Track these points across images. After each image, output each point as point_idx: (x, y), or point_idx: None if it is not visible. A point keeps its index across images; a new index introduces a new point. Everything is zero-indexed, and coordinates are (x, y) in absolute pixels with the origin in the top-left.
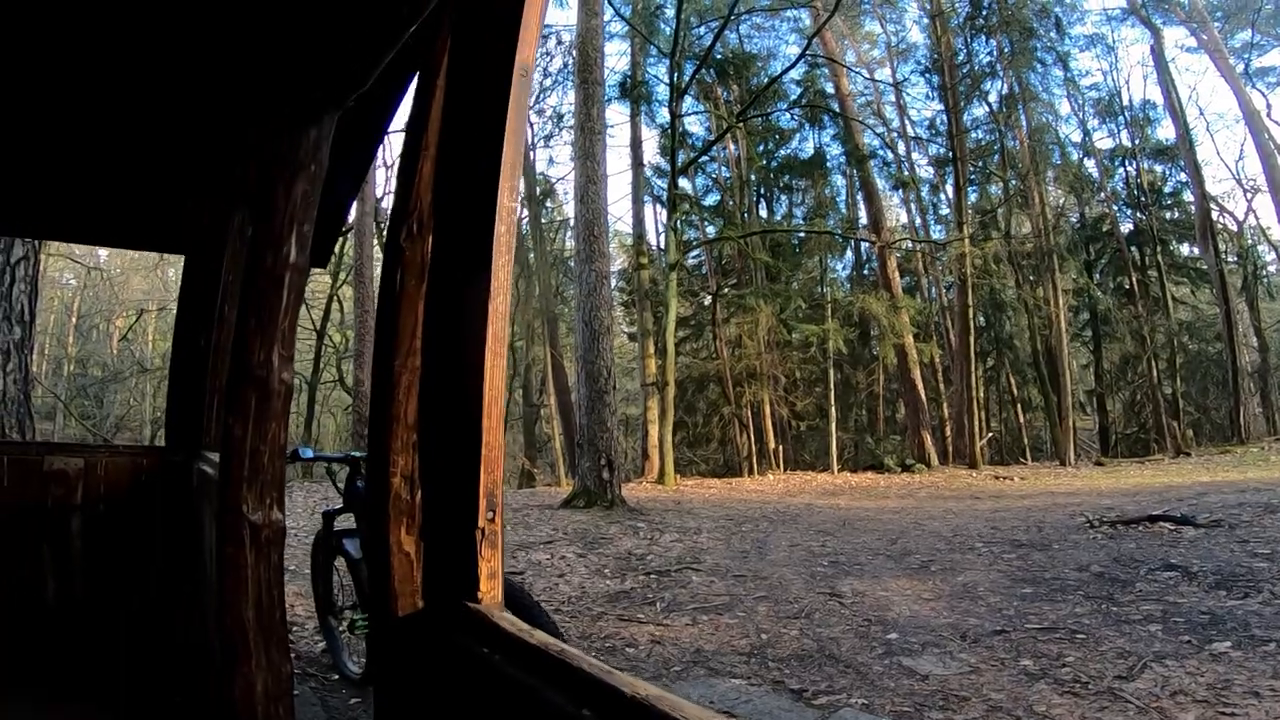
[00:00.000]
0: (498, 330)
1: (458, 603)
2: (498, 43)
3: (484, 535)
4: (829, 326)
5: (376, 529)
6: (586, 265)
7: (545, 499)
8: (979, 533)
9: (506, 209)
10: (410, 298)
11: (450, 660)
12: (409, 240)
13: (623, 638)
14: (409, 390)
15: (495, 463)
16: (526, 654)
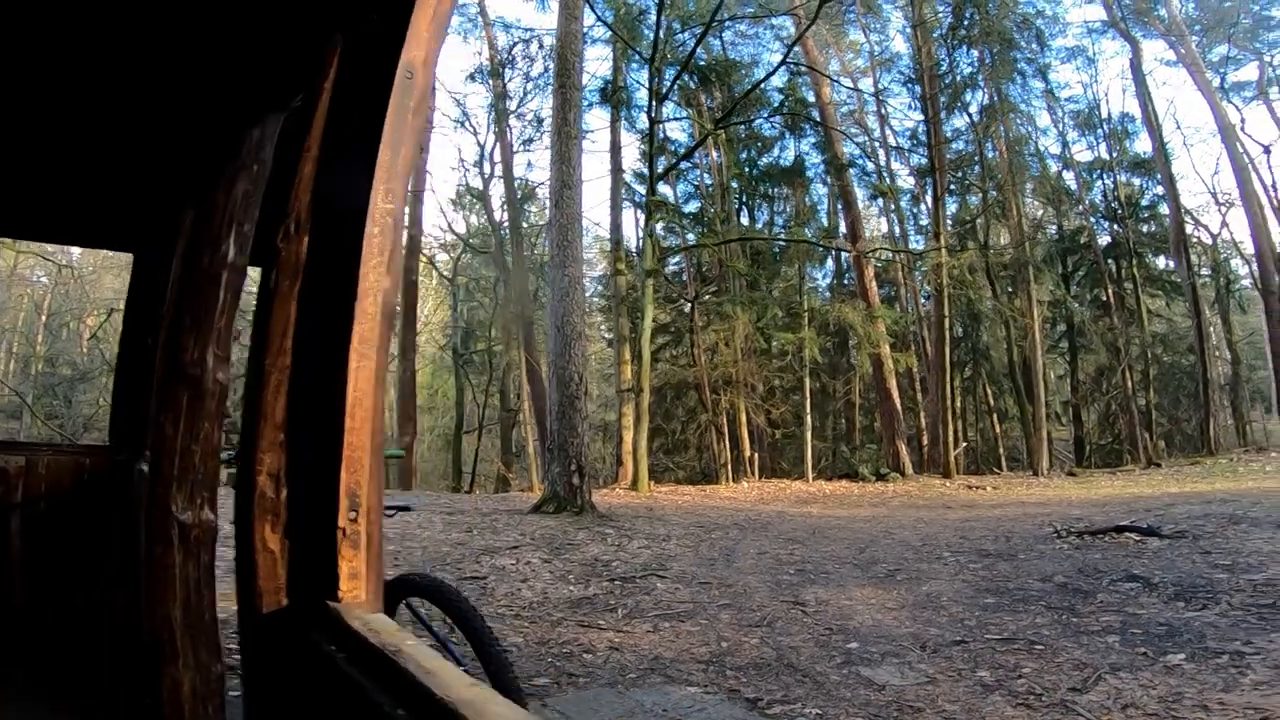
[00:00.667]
0: (364, 331)
1: (319, 601)
2: (382, 45)
3: (345, 535)
4: (805, 335)
5: (242, 526)
6: (560, 270)
7: (516, 504)
8: (947, 542)
9: (380, 211)
10: (283, 297)
11: (305, 658)
12: (285, 241)
13: (581, 644)
14: (278, 389)
15: (359, 463)
16: (366, 654)
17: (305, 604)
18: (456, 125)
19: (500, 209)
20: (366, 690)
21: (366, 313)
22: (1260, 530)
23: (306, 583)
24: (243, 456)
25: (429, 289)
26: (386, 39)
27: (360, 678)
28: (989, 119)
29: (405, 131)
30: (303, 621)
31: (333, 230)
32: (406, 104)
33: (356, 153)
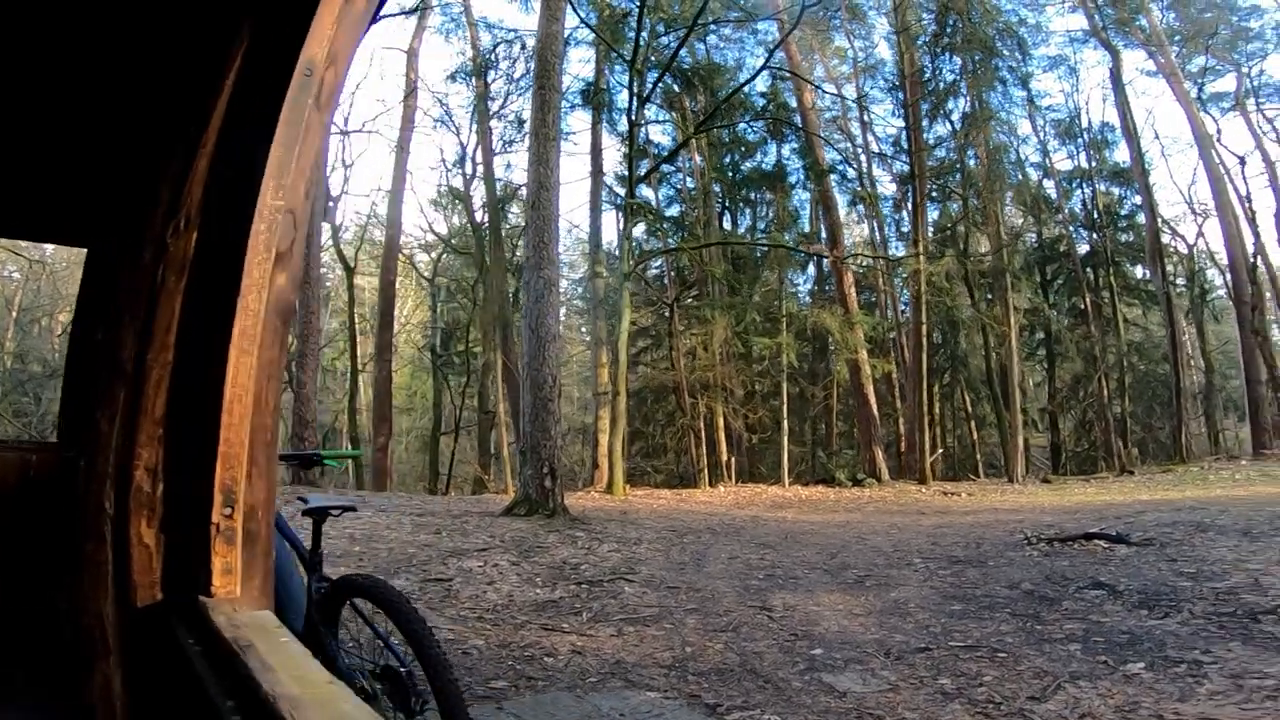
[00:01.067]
0: (246, 327)
1: (190, 598)
2: (281, 41)
3: (219, 530)
4: (783, 340)
5: (118, 520)
6: (535, 272)
7: (489, 506)
8: (919, 548)
9: (269, 208)
10: (169, 293)
11: (169, 653)
12: (174, 236)
13: (543, 647)
14: (159, 384)
15: (236, 459)
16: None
17: (178, 599)
18: (437, 124)
19: (481, 210)
20: (205, 684)
21: (249, 308)
22: (1226, 538)
23: (180, 578)
24: (120, 451)
25: (408, 289)
26: (286, 35)
27: (205, 672)
28: (970, 127)
29: (302, 127)
30: (175, 616)
31: (222, 226)
32: (304, 100)
33: (249, 149)
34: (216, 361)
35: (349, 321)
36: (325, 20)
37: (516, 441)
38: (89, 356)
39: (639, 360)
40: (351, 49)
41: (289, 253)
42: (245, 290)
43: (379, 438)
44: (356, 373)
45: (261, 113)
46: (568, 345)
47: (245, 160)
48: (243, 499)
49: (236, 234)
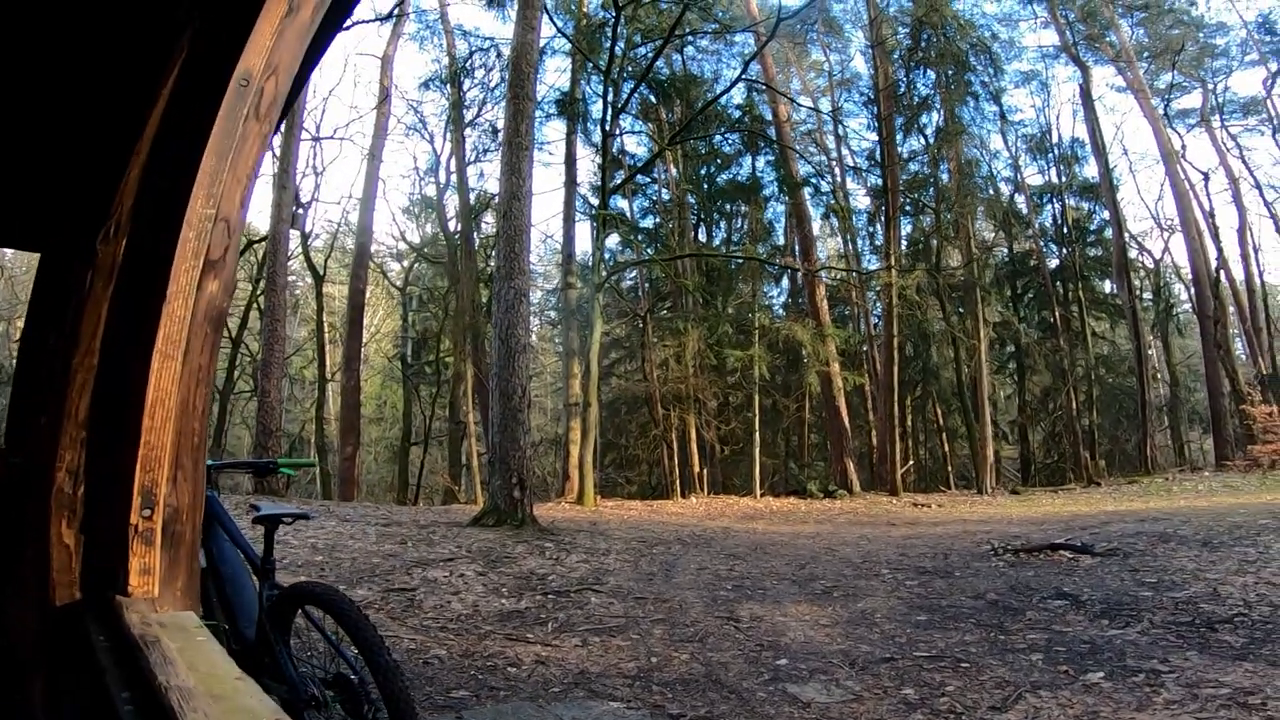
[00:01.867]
0: (170, 333)
1: (106, 597)
2: (219, 52)
3: (137, 532)
4: (755, 352)
5: (38, 520)
6: (506, 282)
7: (457, 516)
8: (887, 559)
9: (199, 216)
10: (96, 299)
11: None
12: (104, 242)
13: (506, 657)
14: (83, 388)
15: (157, 462)
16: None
17: (94, 598)
18: (410, 132)
19: (454, 219)
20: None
21: (175, 315)
22: (1187, 549)
23: (98, 579)
24: (42, 451)
25: (379, 298)
26: (223, 45)
27: (108, 665)
28: (943, 141)
29: (240, 140)
30: (91, 614)
31: (152, 233)
32: (240, 111)
33: (182, 158)
34: (139, 366)
35: (317, 330)
36: (264, 31)
37: (486, 452)
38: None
39: (612, 371)
40: (295, 60)
41: (221, 260)
42: (171, 296)
43: (346, 447)
44: (325, 381)
45: (196, 122)
46: (540, 356)
47: (177, 168)
48: (163, 501)
49: (165, 241)
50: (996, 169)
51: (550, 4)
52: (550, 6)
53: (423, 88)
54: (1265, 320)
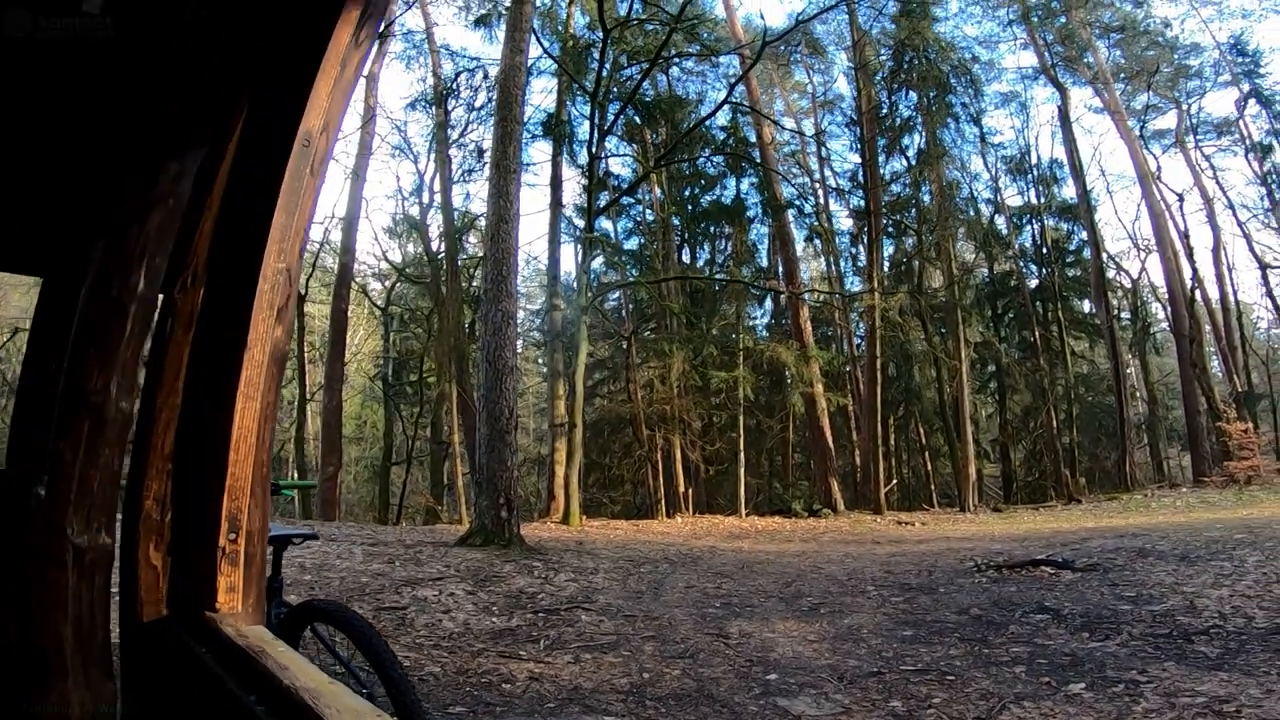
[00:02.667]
0: (251, 376)
1: (197, 612)
2: (283, 113)
3: (225, 553)
4: (739, 373)
5: (128, 545)
6: (493, 305)
7: (443, 536)
8: (872, 576)
9: (273, 269)
10: (177, 344)
11: (178, 660)
12: (182, 292)
13: (500, 674)
14: (168, 424)
15: (241, 491)
16: (231, 653)
17: (184, 614)
18: (395, 152)
19: (438, 239)
20: (225, 682)
21: (254, 360)
22: (1165, 563)
23: (186, 596)
24: (131, 482)
25: (360, 318)
26: (287, 106)
27: (222, 673)
28: (924, 163)
29: (301, 195)
30: (179, 628)
31: (227, 284)
32: (303, 170)
33: (253, 214)
34: (224, 406)
35: (298, 350)
36: (321, 93)
37: (471, 472)
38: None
39: (596, 392)
40: (341, 116)
41: (285, 307)
42: (251, 343)
43: (328, 467)
44: (305, 401)
45: (264, 180)
46: (524, 377)
47: (250, 225)
48: (245, 526)
49: (242, 292)
50: (977, 190)
51: (537, 25)
52: (537, 27)
53: (409, 108)
54: (1240, 339)
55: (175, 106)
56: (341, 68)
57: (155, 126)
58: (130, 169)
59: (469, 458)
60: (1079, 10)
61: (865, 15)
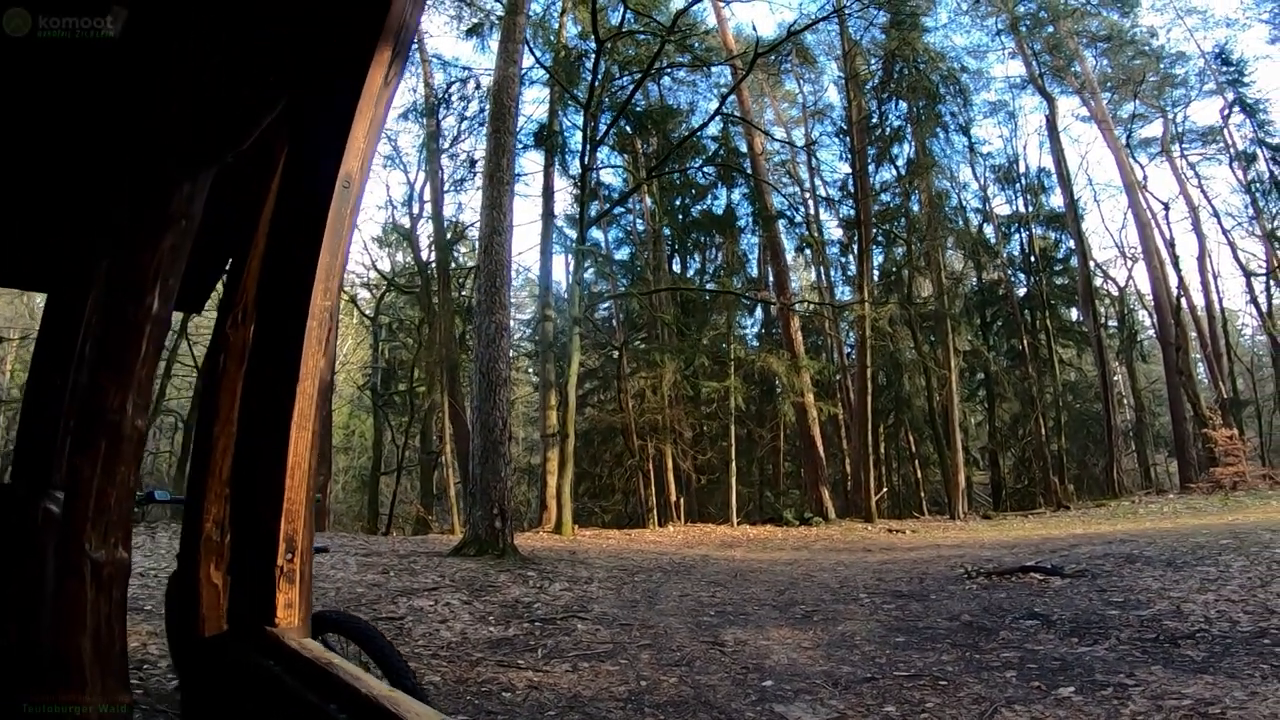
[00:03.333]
0: (303, 408)
1: (258, 627)
2: (324, 155)
3: (283, 572)
4: (730, 383)
5: (188, 564)
6: (487, 316)
7: (435, 547)
8: (864, 584)
9: (320, 308)
10: (230, 378)
11: (244, 672)
12: (233, 328)
13: (500, 683)
14: (225, 452)
15: (296, 514)
16: (303, 666)
17: (244, 629)
18: (387, 162)
19: (428, 249)
20: (304, 694)
21: (305, 392)
22: (1152, 569)
23: (245, 611)
24: (190, 507)
25: (349, 327)
26: (327, 148)
27: (298, 685)
28: (914, 173)
29: (343, 234)
30: (242, 643)
31: (277, 321)
32: (344, 211)
33: (299, 254)
34: (280, 436)
35: None
36: (359, 134)
37: (464, 483)
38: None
39: (587, 402)
40: (373, 153)
41: (329, 341)
42: (302, 378)
43: (317, 477)
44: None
45: (308, 220)
46: (515, 387)
47: (296, 263)
48: (299, 546)
49: (292, 329)
50: (966, 199)
51: (529, 35)
52: (530, 38)
53: (400, 119)
54: (1225, 346)
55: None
56: (375, 107)
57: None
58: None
59: (460, 468)
60: (1066, 20)
61: (856, 26)
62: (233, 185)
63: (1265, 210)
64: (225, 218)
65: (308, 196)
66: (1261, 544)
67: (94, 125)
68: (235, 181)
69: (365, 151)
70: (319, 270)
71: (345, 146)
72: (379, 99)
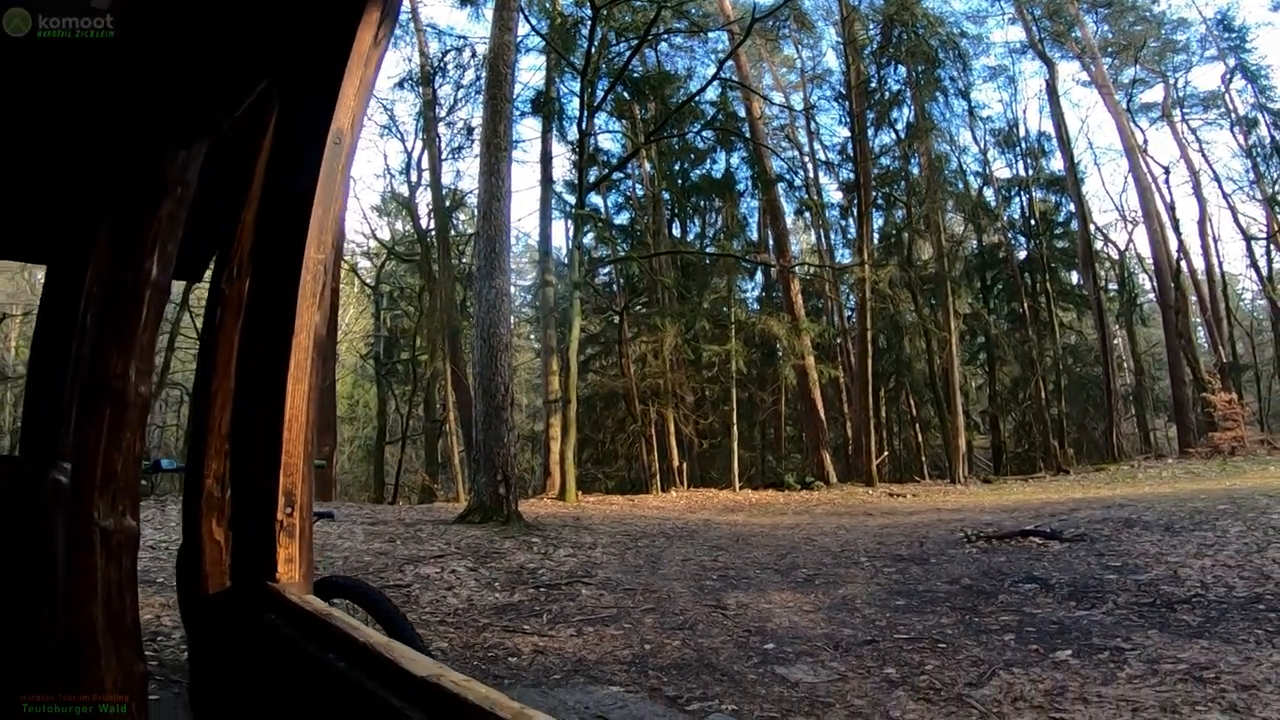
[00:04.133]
0: (299, 360)
1: (259, 583)
2: (315, 111)
3: (282, 526)
4: (731, 347)
5: (191, 521)
6: (487, 282)
7: (441, 515)
8: (865, 548)
9: (313, 260)
10: (227, 331)
11: (248, 627)
12: (228, 283)
13: (506, 648)
14: (223, 407)
15: (294, 468)
16: (303, 619)
17: (247, 584)
18: (383, 131)
19: (427, 217)
20: (304, 645)
21: (301, 345)
22: (1149, 533)
23: (247, 567)
24: (191, 463)
25: (350, 296)
26: (318, 106)
27: (298, 636)
28: (913, 136)
29: (335, 190)
30: (245, 598)
31: (271, 275)
32: (336, 166)
33: (292, 209)
34: (277, 389)
35: None
36: (348, 92)
37: (468, 450)
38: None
39: (588, 367)
40: (364, 111)
41: (324, 295)
42: (298, 330)
43: (323, 447)
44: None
45: (301, 177)
46: (517, 353)
47: (290, 218)
48: (299, 501)
49: (286, 282)
50: (966, 163)
51: (524, 2)
52: (525, 5)
53: (396, 88)
54: (1225, 310)
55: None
56: (364, 67)
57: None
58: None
59: (464, 435)
60: None
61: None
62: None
63: (1266, 175)
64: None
65: (299, 153)
66: (1258, 509)
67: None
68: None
69: (355, 110)
70: (311, 224)
71: (336, 104)
72: (368, 59)
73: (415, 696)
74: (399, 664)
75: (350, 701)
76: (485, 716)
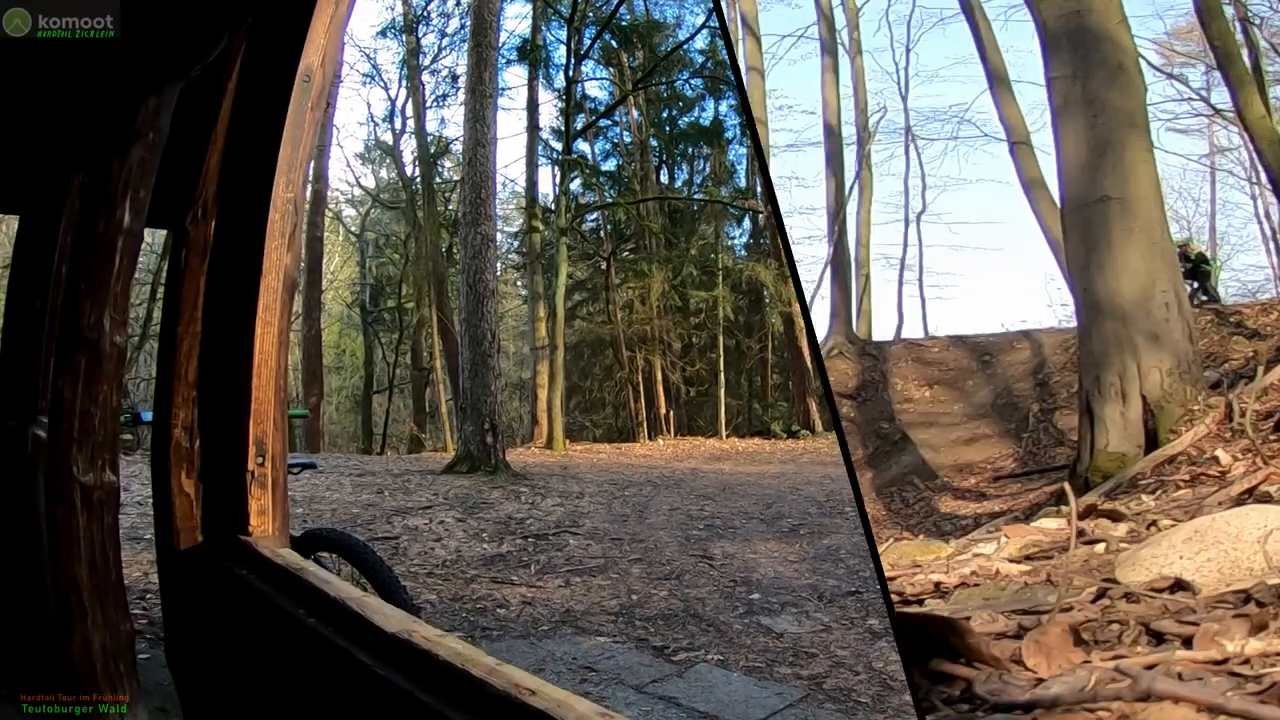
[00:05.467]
0: (268, 303)
1: (231, 536)
2: (283, 49)
3: (254, 477)
4: (719, 293)
5: (159, 474)
6: (472, 228)
7: (429, 465)
8: (850, 498)
9: (281, 199)
10: (193, 273)
11: (220, 583)
12: (194, 224)
13: (495, 599)
14: (190, 353)
15: (265, 415)
16: (274, 573)
17: (219, 538)
18: (366, 80)
19: (412, 164)
20: (274, 598)
21: (270, 287)
22: None
23: (219, 521)
24: (158, 413)
25: (335, 245)
26: (286, 44)
27: (270, 590)
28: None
29: (304, 128)
30: (217, 553)
31: (238, 215)
32: (305, 104)
33: (259, 148)
34: (245, 333)
35: None
36: (318, 30)
37: (455, 399)
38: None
39: (575, 314)
40: (337, 50)
41: (293, 235)
42: (266, 271)
43: (310, 397)
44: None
45: (268, 115)
46: (504, 300)
47: (257, 157)
48: (270, 450)
49: (254, 222)
50: None
51: None
52: None
53: (379, 36)
54: None
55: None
56: (335, 4)
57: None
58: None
59: (451, 384)
60: None
61: None
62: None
63: None
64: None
65: (266, 91)
66: None
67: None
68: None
69: (325, 47)
70: (279, 163)
71: (305, 41)
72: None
73: (385, 652)
74: (370, 619)
75: (320, 658)
76: (454, 672)
